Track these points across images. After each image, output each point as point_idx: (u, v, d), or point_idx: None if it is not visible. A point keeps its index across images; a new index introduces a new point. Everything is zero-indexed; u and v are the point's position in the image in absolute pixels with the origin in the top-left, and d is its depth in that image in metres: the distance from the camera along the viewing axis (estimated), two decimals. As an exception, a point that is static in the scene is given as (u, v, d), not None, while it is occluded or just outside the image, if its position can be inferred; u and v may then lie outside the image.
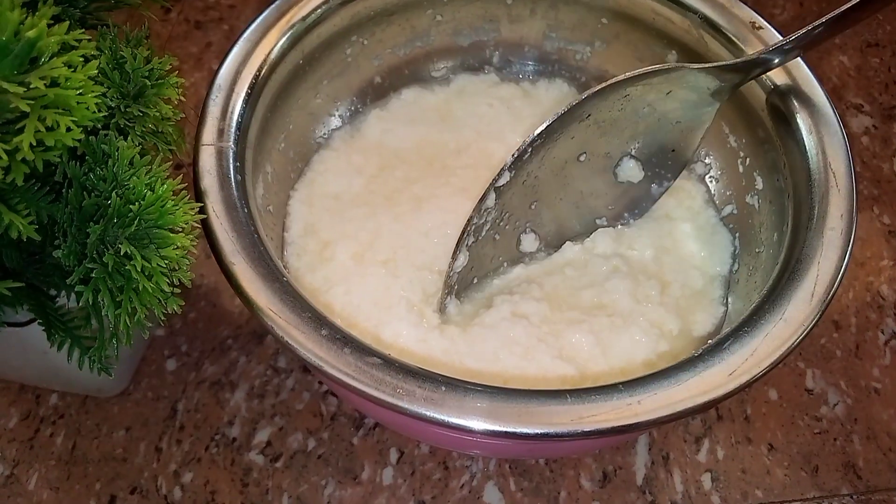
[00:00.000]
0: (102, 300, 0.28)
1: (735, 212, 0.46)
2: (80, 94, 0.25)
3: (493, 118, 0.51)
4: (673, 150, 0.44)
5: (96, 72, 0.26)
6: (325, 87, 0.48)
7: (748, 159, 0.44)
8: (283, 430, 0.45)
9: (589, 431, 0.29)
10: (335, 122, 0.50)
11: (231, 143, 0.37)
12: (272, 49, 0.41)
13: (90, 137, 0.30)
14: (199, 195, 0.35)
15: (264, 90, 0.41)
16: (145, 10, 0.38)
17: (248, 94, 0.39)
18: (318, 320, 0.32)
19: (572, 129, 0.41)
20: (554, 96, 0.53)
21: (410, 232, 0.45)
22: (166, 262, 0.29)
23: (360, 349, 0.31)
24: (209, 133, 0.37)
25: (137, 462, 0.44)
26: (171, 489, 0.43)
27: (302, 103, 0.47)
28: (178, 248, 0.29)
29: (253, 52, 0.40)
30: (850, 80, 0.64)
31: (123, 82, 0.32)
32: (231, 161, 0.36)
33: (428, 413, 0.29)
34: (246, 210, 0.35)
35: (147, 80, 0.32)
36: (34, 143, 0.24)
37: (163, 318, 0.30)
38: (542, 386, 0.36)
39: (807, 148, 0.38)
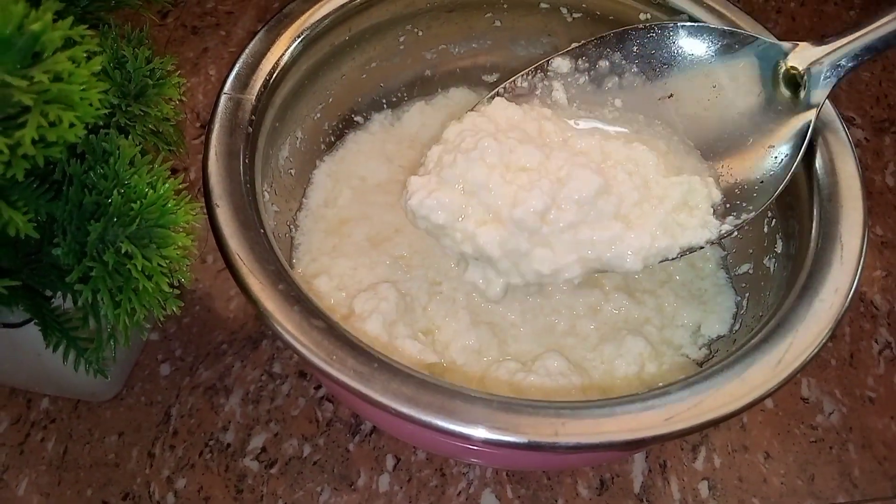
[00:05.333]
0: (101, 299, 0.28)
1: (751, 271, 0.44)
2: (83, 89, 0.25)
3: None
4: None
5: (100, 67, 0.26)
6: (373, 68, 0.49)
7: (774, 220, 0.42)
8: (278, 436, 0.45)
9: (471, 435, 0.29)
10: (378, 104, 0.51)
11: (252, 96, 0.38)
12: (315, 22, 0.42)
13: (91, 136, 0.29)
14: (207, 139, 0.36)
15: (301, 57, 0.42)
16: (145, 12, 0.38)
17: (280, 58, 0.40)
18: (278, 274, 0.32)
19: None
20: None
21: (436, 248, 0.43)
22: (167, 262, 0.29)
23: (308, 311, 0.31)
24: (233, 83, 0.38)
25: (130, 468, 0.44)
26: (164, 495, 0.43)
27: (346, 80, 0.47)
28: (178, 247, 0.29)
29: (295, 20, 0.41)
30: (842, 93, 0.64)
31: (125, 81, 0.32)
32: (248, 113, 0.37)
33: (353, 384, 0.29)
34: (247, 161, 0.35)
35: (149, 80, 0.32)
36: (36, 138, 0.24)
37: (162, 318, 0.30)
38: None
39: (822, 213, 0.36)
